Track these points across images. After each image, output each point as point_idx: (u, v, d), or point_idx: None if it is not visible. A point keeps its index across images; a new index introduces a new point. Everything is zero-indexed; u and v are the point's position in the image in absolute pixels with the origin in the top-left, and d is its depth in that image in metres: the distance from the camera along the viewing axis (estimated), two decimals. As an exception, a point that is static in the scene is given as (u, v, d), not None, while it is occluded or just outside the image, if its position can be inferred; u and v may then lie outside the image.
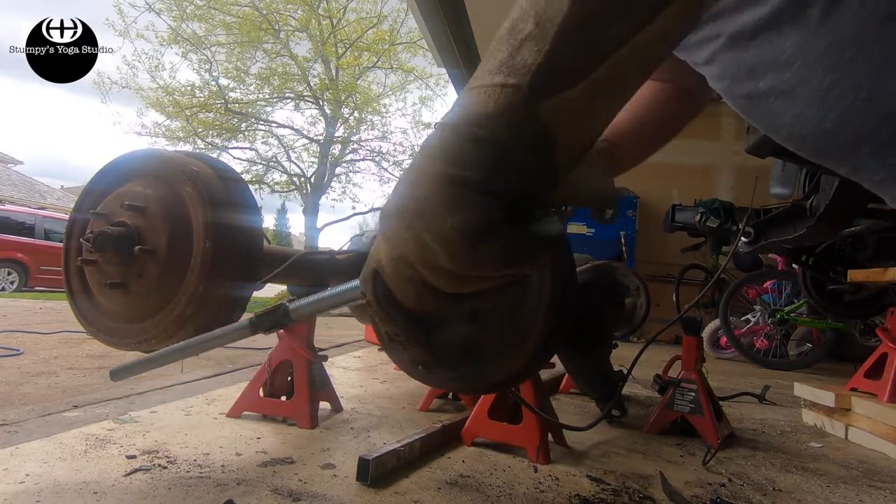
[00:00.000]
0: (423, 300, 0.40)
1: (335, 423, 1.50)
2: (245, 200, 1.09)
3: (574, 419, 1.71)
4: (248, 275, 1.06)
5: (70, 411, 1.42)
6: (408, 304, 0.41)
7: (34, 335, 3.15)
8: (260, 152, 17.50)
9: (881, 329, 1.98)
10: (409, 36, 16.18)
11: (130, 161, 1.08)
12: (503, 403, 1.37)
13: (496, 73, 0.36)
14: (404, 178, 0.38)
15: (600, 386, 1.65)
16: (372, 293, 0.43)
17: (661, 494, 1.13)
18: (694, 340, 1.67)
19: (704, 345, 4.14)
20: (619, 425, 1.71)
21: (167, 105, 15.83)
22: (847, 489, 1.28)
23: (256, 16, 15.51)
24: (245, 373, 2.15)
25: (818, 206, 1.83)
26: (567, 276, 0.73)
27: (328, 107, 17.08)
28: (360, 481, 1.05)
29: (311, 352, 1.50)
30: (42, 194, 20.76)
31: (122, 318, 1.04)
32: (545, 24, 0.35)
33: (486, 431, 1.36)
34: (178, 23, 15.23)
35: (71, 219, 1.11)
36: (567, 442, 1.44)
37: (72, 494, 0.91)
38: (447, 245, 0.35)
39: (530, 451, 1.29)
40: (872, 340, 3.50)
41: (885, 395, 1.82)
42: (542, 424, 1.30)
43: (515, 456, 1.31)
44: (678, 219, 4.14)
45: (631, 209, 5.34)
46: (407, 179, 0.38)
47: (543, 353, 0.75)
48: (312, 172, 17.41)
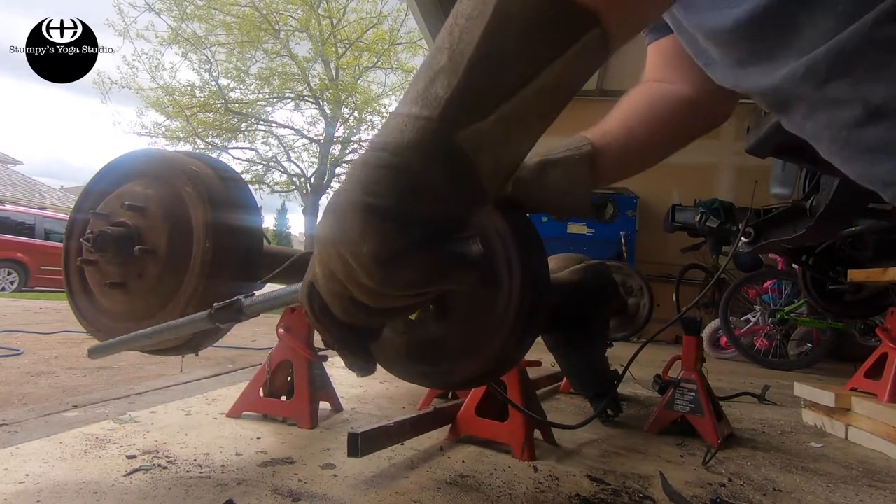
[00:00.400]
0: (351, 313, 0.43)
1: (335, 423, 1.50)
2: (245, 200, 1.09)
3: (572, 419, 1.71)
4: (248, 275, 1.06)
5: (70, 411, 1.43)
6: (340, 317, 0.44)
7: (34, 335, 3.15)
8: (260, 152, 17.53)
9: (881, 329, 1.98)
10: (409, 36, 16.19)
11: (130, 161, 1.08)
12: (493, 401, 1.38)
13: (412, 104, 0.38)
14: (331, 202, 0.41)
15: (594, 384, 1.65)
16: (308, 305, 0.45)
17: (661, 494, 1.13)
18: (694, 340, 1.67)
19: (704, 345, 4.14)
20: (619, 425, 1.71)
21: (167, 105, 15.84)
22: (847, 489, 1.28)
23: (256, 16, 15.51)
24: (245, 373, 2.15)
25: (818, 206, 1.83)
26: (538, 281, 0.74)
27: (328, 107, 17.09)
28: (351, 456, 1.07)
29: (311, 352, 1.49)
30: (42, 194, 20.76)
31: (122, 318, 1.04)
32: (456, 58, 0.37)
33: (474, 428, 1.37)
34: (178, 23, 15.24)
35: (71, 219, 1.11)
36: (556, 440, 1.44)
37: (72, 494, 0.91)
38: (364, 268, 0.38)
39: (515, 449, 1.30)
40: (872, 340, 3.50)
41: (885, 395, 1.82)
42: (528, 422, 1.31)
43: (516, 456, 1.31)
44: (678, 219, 4.15)
45: (631, 209, 5.33)
46: (333, 204, 0.40)
47: (513, 352, 0.77)
48: (312, 172, 17.43)
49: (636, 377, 2.48)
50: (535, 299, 0.74)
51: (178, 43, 15.44)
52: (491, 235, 0.74)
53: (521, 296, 0.72)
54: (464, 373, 0.77)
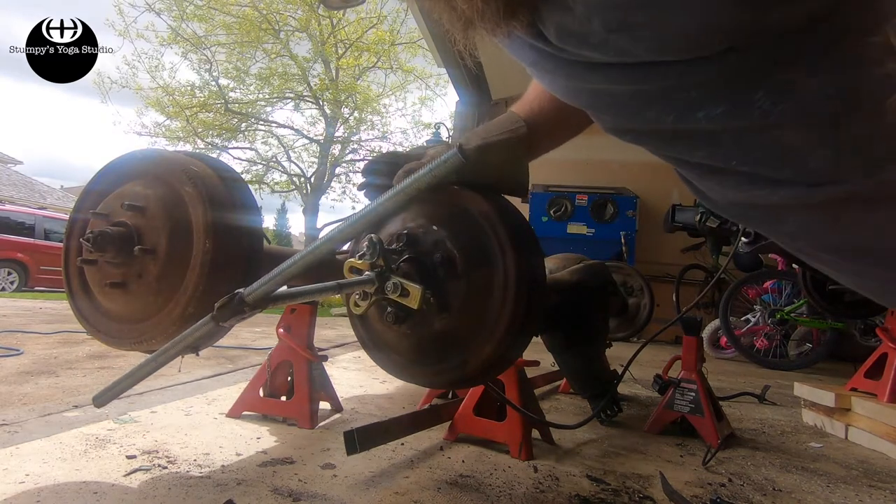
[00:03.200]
0: None
1: (335, 423, 1.50)
2: (245, 200, 1.09)
3: (572, 419, 1.71)
4: (249, 275, 1.06)
5: (70, 411, 1.43)
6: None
7: (34, 335, 3.15)
8: (260, 152, 17.52)
9: (881, 329, 1.98)
10: (409, 36, 16.19)
11: (130, 161, 1.08)
12: (491, 401, 1.39)
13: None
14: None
15: (592, 384, 1.65)
16: None
17: (661, 494, 1.13)
18: (694, 340, 1.67)
19: (704, 345, 4.15)
20: (618, 425, 1.71)
21: (167, 105, 15.83)
22: (847, 489, 1.28)
23: (256, 16, 15.51)
24: (245, 373, 2.15)
25: (818, 205, 1.83)
26: (533, 270, 0.80)
27: (328, 107, 17.08)
28: (351, 454, 1.07)
29: (311, 352, 1.49)
30: (42, 194, 20.75)
31: (122, 318, 1.04)
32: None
33: (472, 428, 1.38)
34: (178, 23, 15.23)
35: (71, 219, 1.11)
36: (555, 440, 1.44)
37: (72, 494, 0.91)
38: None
39: (513, 448, 1.30)
40: (872, 340, 3.50)
41: (885, 395, 1.82)
42: (526, 422, 1.32)
43: (513, 455, 1.31)
44: (678, 219, 4.14)
45: (631, 209, 5.33)
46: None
47: (517, 337, 0.80)
48: (312, 172, 17.42)
49: (636, 377, 2.47)
50: (532, 287, 0.77)
51: (177, 43, 15.44)
52: (478, 219, 0.79)
53: (518, 266, 0.76)
54: (479, 358, 0.78)
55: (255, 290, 0.69)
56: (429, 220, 0.82)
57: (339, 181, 18.05)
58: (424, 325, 0.80)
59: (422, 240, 0.81)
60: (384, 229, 0.86)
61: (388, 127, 17.88)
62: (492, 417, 1.37)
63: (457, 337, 0.80)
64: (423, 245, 0.81)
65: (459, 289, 0.78)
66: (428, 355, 0.83)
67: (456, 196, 0.82)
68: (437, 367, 0.83)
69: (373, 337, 0.92)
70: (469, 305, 0.78)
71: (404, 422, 1.28)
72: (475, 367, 0.80)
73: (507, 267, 0.76)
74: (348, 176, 18.21)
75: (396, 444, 1.30)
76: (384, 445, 1.23)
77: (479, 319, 0.78)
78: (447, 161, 0.71)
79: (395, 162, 0.87)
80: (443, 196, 0.83)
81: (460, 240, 0.79)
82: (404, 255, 0.80)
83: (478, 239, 0.79)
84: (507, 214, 0.81)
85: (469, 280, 0.78)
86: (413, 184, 0.73)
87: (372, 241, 0.76)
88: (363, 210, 0.78)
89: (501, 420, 1.35)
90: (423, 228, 0.82)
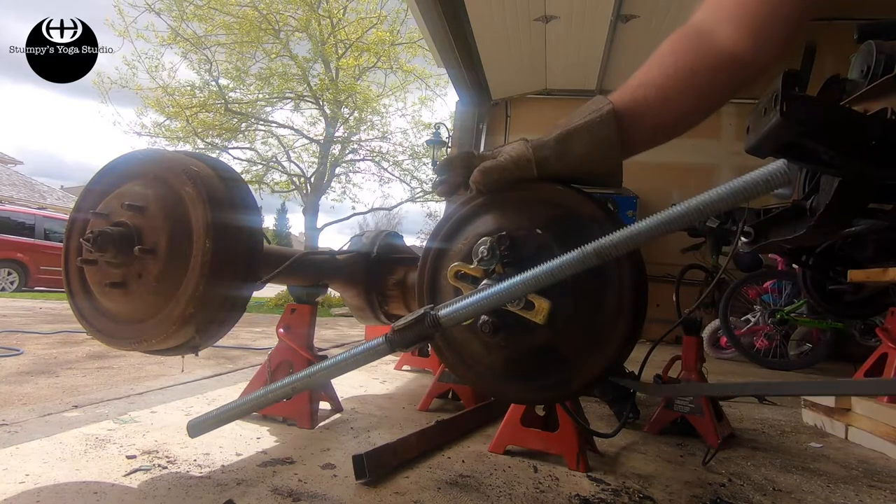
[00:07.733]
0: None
1: (335, 423, 1.50)
2: (245, 200, 1.09)
3: (593, 424, 1.71)
4: (248, 275, 1.06)
5: (70, 411, 1.43)
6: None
7: (34, 335, 3.15)
8: (260, 152, 17.49)
9: (881, 329, 1.98)
10: (409, 36, 16.18)
11: (130, 161, 1.08)
12: (532, 410, 1.34)
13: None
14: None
15: (613, 387, 1.64)
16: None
17: (661, 494, 1.13)
18: (694, 340, 1.67)
19: (704, 345, 4.15)
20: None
21: (167, 105, 15.82)
22: (847, 489, 1.28)
23: (256, 16, 15.49)
24: (245, 373, 2.15)
25: (818, 206, 1.82)
26: (643, 275, 0.73)
27: (328, 107, 17.07)
28: (360, 479, 1.05)
29: (311, 352, 1.49)
30: (42, 194, 20.75)
31: (123, 318, 1.04)
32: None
33: (521, 439, 1.32)
34: (178, 23, 15.22)
35: (71, 219, 1.11)
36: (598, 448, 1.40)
37: (72, 494, 0.91)
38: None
39: (570, 459, 1.25)
40: (872, 340, 3.50)
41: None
42: (581, 432, 1.26)
43: (514, 456, 1.31)
44: (678, 219, 4.14)
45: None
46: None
47: (627, 350, 0.74)
48: (312, 173, 17.40)
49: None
50: (644, 293, 0.72)
51: (177, 43, 15.43)
52: (586, 222, 0.72)
53: (633, 289, 0.70)
54: (589, 374, 0.73)
55: (454, 314, 0.62)
56: (530, 222, 0.73)
57: (339, 181, 18.04)
58: (525, 337, 0.72)
59: (523, 244, 0.72)
60: (465, 231, 0.79)
61: (388, 127, 17.87)
62: (538, 427, 1.31)
63: (562, 351, 0.73)
64: (526, 250, 0.72)
65: (567, 300, 0.69)
66: (526, 369, 0.76)
67: (556, 195, 0.74)
68: (536, 382, 0.76)
69: (450, 343, 0.82)
70: (578, 318, 0.71)
71: (412, 441, 1.24)
72: (582, 383, 0.74)
73: (623, 277, 0.70)
74: (348, 176, 18.21)
75: (404, 460, 1.27)
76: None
77: (590, 333, 0.72)
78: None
79: (469, 159, 0.80)
80: (539, 195, 0.75)
81: (568, 246, 0.67)
82: (505, 261, 0.71)
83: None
84: (614, 217, 0.73)
85: (581, 291, 0.70)
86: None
87: (492, 244, 0.69)
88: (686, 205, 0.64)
89: (548, 430, 1.29)
90: (524, 231, 0.73)
